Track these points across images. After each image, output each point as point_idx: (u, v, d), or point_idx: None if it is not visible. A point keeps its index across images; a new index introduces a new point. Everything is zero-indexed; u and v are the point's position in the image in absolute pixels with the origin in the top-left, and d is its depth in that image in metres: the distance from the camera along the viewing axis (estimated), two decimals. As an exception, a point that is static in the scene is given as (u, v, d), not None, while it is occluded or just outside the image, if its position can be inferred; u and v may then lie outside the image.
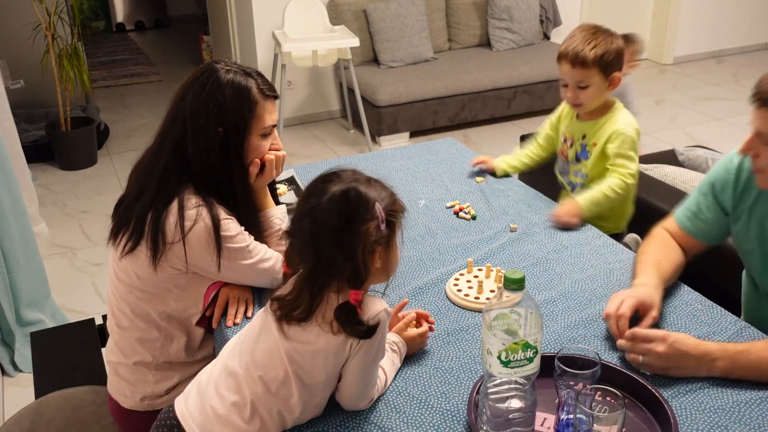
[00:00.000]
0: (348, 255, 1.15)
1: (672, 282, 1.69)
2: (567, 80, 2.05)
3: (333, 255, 1.15)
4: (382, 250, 1.19)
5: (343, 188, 1.17)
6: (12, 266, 2.69)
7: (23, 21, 4.30)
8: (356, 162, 2.49)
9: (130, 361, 1.56)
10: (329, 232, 1.15)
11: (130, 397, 1.58)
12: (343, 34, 4.50)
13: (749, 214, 1.60)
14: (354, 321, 1.17)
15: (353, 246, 1.14)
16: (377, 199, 1.18)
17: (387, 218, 1.18)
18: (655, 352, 1.36)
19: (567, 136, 2.19)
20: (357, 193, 1.17)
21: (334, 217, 1.15)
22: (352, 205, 1.16)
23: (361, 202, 1.16)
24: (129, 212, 1.49)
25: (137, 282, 1.51)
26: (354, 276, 1.16)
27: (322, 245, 1.15)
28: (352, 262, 1.15)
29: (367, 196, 1.17)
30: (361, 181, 1.20)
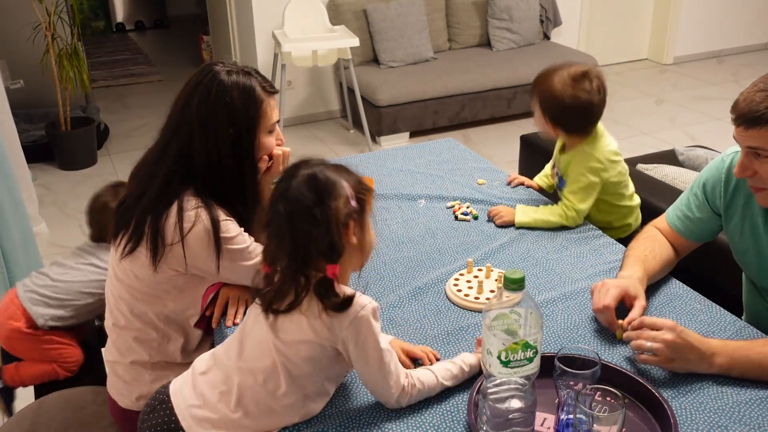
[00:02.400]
0: (322, 229, 1.20)
1: (659, 277, 1.71)
2: None
3: (308, 232, 1.20)
4: (355, 225, 1.24)
5: (309, 172, 1.24)
6: (12, 266, 2.69)
7: (23, 21, 4.30)
8: (356, 162, 2.49)
9: (127, 361, 1.57)
10: (302, 210, 1.20)
11: (127, 396, 1.58)
12: (343, 34, 4.50)
13: (742, 213, 1.60)
14: (331, 293, 1.20)
15: (327, 219, 1.20)
16: (344, 179, 1.25)
17: (357, 196, 1.25)
18: (663, 339, 1.36)
19: (555, 166, 2.14)
20: (324, 175, 1.23)
21: (305, 195, 1.21)
22: (320, 184, 1.22)
23: (329, 182, 1.23)
24: (129, 214, 1.50)
25: (136, 283, 1.51)
26: (330, 250, 1.20)
27: (297, 224, 1.20)
28: (327, 236, 1.20)
29: (333, 176, 1.24)
30: (327, 166, 1.26)
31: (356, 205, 1.24)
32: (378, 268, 1.82)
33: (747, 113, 1.35)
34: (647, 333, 1.38)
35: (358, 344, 1.22)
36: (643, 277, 1.61)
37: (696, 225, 1.71)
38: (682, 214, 1.73)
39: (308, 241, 1.20)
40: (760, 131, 1.35)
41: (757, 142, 1.37)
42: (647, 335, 1.38)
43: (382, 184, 2.28)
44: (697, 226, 1.71)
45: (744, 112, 1.35)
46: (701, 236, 1.74)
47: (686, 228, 1.73)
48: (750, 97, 1.35)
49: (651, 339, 1.37)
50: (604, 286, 1.54)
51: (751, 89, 1.36)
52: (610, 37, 6.26)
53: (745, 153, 1.42)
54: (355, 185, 1.26)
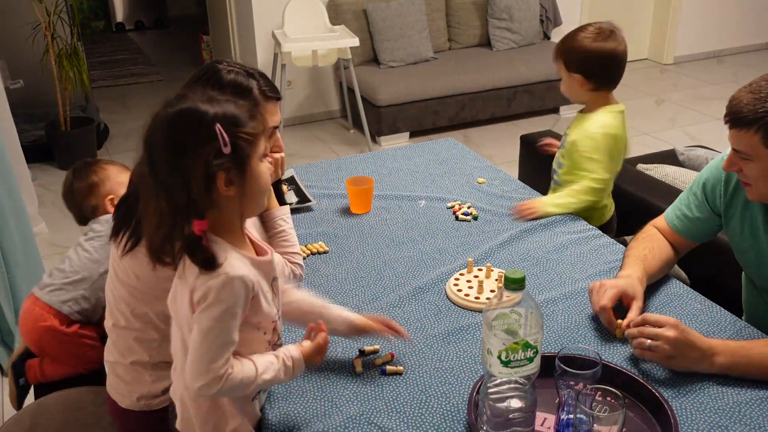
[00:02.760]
0: (179, 181, 1.07)
1: (659, 277, 1.71)
2: None
3: (169, 183, 1.07)
4: (229, 176, 1.09)
5: (176, 109, 1.09)
6: (11, 266, 2.69)
7: (23, 21, 4.29)
8: (356, 162, 2.49)
9: (127, 361, 1.56)
10: (161, 156, 1.08)
11: (127, 396, 1.57)
12: (343, 34, 4.50)
13: (742, 212, 1.61)
14: (198, 250, 1.09)
15: (184, 172, 1.06)
16: (219, 118, 1.08)
17: (234, 141, 1.08)
18: (665, 336, 1.36)
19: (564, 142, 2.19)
20: (192, 113, 1.08)
21: (164, 139, 1.08)
22: (184, 127, 1.07)
23: (197, 122, 1.07)
24: (130, 212, 1.49)
25: (136, 282, 1.51)
26: (189, 206, 1.07)
27: (159, 172, 1.08)
28: (184, 190, 1.07)
29: (205, 115, 1.08)
30: (207, 99, 1.11)
31: (230, 151, 1.08)
32: (378, 268, 1.82)
33: (734, 113, 1.39)
34: (649, 330, 1.38)
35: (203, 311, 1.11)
36: (643, 277, 1.61)
37: (695, 224, 1.72)
38: (682, 214, 1.73)
39: (167, 192, 1.08)
40: (740, 133, 1.39)
41: (738, 144, 1.42)
42: (649, 332, 1.38)
43: (382, 184, 2.28)
44: (696, 225, 1.72)
45: (732, 111, 1.39)
46: (700, 236, 1.74)
47: (685, 227, 1.73)
48: (740, 96, 1.39)
49: (653, 336, 1.37)
50: (602, 287, 1.54)
51: (745, 89, 1.39)
52: (610, 37, 6.25)
53: (733, 151, 1.46)
54: (237, 124, 1.10)
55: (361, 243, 1.94)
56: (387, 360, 1.47)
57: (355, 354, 1.49)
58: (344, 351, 1.50)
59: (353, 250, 1.90)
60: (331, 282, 1.76)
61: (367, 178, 2.12)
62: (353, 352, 1.49)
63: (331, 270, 1.81)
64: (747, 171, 1.45)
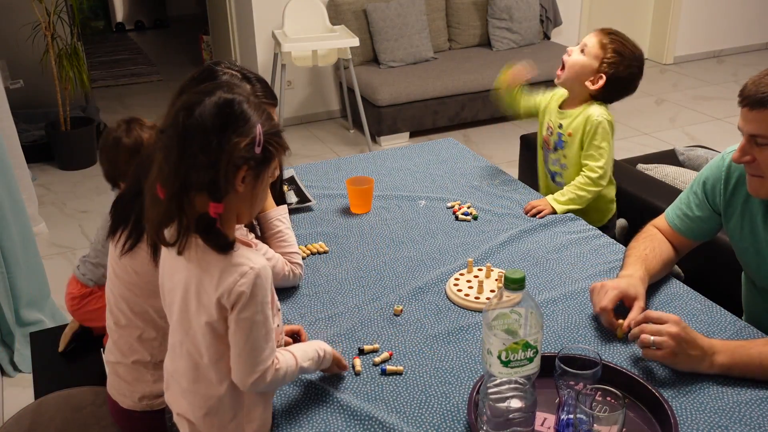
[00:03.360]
0: (210, 159, 1.11)
1: (660, 276, 1.71)
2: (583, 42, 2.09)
3: (195, 155, 1.11)
4: (249, 172, 1.15)
5: (229, 97, 1.15)
6: (11, 266, 2.69)
7: (23, 21, 4.30)
8: (356, 162, 2.49)
9: (129, 360, 1.56)
10: (199, 130, 1.11)
11: (129, 396, 1.57)
12: (343, 34, 4.50)
13: (742, 211, 1.61)
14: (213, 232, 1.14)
15: (218, 151, 1.11)
16: (261, 122, 1.16)
17: (266, 144, 1.15)
18: (668, 332, 1.36)
19: (549, 125, 2.22)
20: (242, 108, 1.14)
21: (209, 117, 1.12)
22: (232, 114, 1.13)
23: (243, 116, 1.14)
24: (128, 210, 1.49)
25: (135, 278, 1.51)
26: (212, 185, 1.11)
27: (188, 141, 1.11)
28: (211, 169, 1.11)
29: (251, 114, 1.15)
30: (252, 102, 1.17)
31: (260, 153, 1.14)
32: (378, 268, 1.82)
33: (753, 94, 1.39)
34: (651, 326, 1.38)
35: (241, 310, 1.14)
36: (644, 277, 1.61)
37: (696, 224, 1.71)
38: (682, 213, 1.73)
39: (192, 166, 1.11)
40: (762, 114, 1.38)
41: (758, 128, 1.40)
42: (651, 328, 1.38)
43: (382, 184, 2.28)
44: (696, 224, 1.71)
45: (751, 93, 1.39)
46: (701, 235, 1.74)
47: (686, 227, 1.73)
48: (758, 80, 1.40)
49: (656, 332, 1.37)
50: (603, 288, 1.54)
51: (762, 73, 1.41)
52: (610, 37, 6.26)
53: (747, 139, 1.44)
54: (270, 133, 1.16)
55: (361, 243, 1.94)
56: (386, 359, 1.47)
57: (355, 354, 1.49)
58: (343, 351, 1.50)
59: (353, 250, 1.90)
60: (331, 282, 1.76)
61: (367, 178, 2.12)
62: (353, 351, 1.49)
63: (331, 270, 1.81)
64: (762, 159, 1.43)
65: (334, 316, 1.62)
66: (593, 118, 2.06)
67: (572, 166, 2.15)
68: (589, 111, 2.08)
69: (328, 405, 1.35)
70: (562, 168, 2.18)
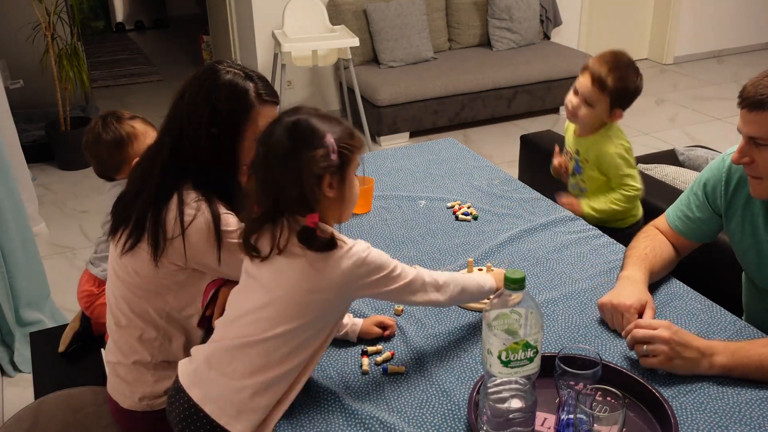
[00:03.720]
0: (292, 177, 1.21)
1: (660, 276, 1.71)
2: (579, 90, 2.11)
3: (281, 178, 1.22)
4: (332, 179, 1.24)
5: (294, 119, 1.25)
6: (11, 266, 2.69)
7: (23, 21, 4.30)
8: (356, 162, 2.49)
9: (129, 361, 1.56)
10: (278, 155, 1.22)
11: (129, 397, 1.57)
12: (343, 34, 4.50)
13: (742, 212, 1.61)
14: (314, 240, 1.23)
15: (299, 169, 1.21)
16: (329, 131, 1.24)
17: (340, 150, 1.24)
18: (660, 337, 1.36)
19: (567, 150, 2.25)
20: (308, 124, 1.24)
21: (283, 142, 1.23)
22: (301, 133, 1.23)
23: (311, 131, 1.23)
24: (128, 209, 1.49)
25: (136, 279, 1.50)
26: (302, 200, 1.22)
27: (273, 168, 1.23)
28: (297, 186, 1.21)
29: (318, 127, 1.24)
30: (316, 115, 1.27)
31: (337, 158, 1.23)
32: (378, 268, 1.81)
33: (752, 96, 1.38)
34: (641, 332, 1.38)
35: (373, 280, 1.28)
36: (645, 278, 1.61)
37: (696, 225, 1.71)
38: (682, 214, 1.73)
39: (279, 188, 1.22)
40: (761, 115, 1.37)
41: (757, 130, 1.40)
42: (642, 335, 1.38)
43: (382, 184, 2.28)
44: (697, 225, 1.71)
45: (750, 95, 1.39)
46: (701, 236, 1.74)
47: (686, 228, 1.73)
48: (758, 81, 1.39)
49: (648, 338, 1.37)
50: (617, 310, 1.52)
51: (762, 74, 1.40)
52: (610, 37, 6.25)
53: (746, 140, 1.44)
54: (342, 138, 1.26)
55: (361, 243, 1.94)
56: (387, 358, 1.47)
57: (359, 354, 1.49)
58: (347, 352, 1.50)
59: (353, 250, 1.90)
60: (331, 282, 1.76)
61: (367, 178, 2.12)
62: (356, 352, 1.49)
63: (331, 270, 1.81)
64: (761, 160, 1.43)
65: (334, 316, 1.62)
66: (609, 153, 2.09)
67: (591, 189, 2.19)
68: (603, 143, 2.10)
69: (328, 404, 1.35)
70: (582, 191, 2.22)
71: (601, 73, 2.03)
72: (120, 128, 1.96)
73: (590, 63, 2.09)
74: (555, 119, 5.22)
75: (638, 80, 2.07)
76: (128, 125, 1.97)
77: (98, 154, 1.98)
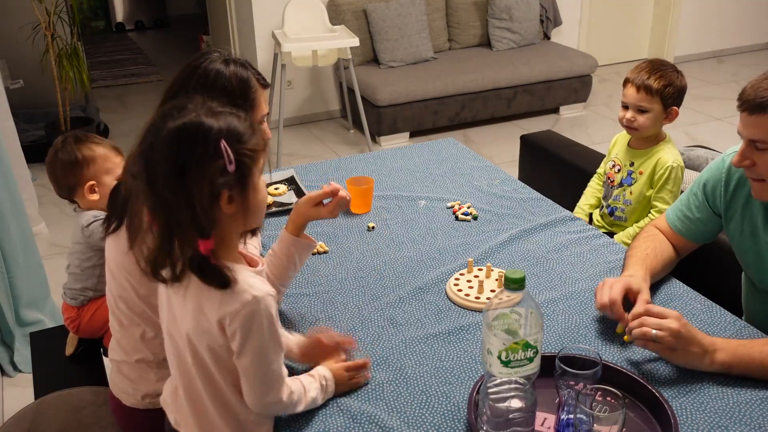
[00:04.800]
0: (182, 202, 1.02)
1: (661, 276, 1.71)
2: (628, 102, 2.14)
3: (171, 202, 1.03)
4: (231, 194, 1.06)
5: (180, 124, 1.04)
6: (11, 266, 2.69)
7: (23, 21, 4.30)
8: (356, 162, 2.49)
9: (132, 359, 1.56)
10: (163, 178, 1.02)
11: (132, 395, 1.58)
12: (343, 34, 4.50)
13: (742, 213, 1.61)
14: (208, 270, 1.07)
15: (189, 192, 1.02)
16: (224, 134, 1.04)
17: (239, 158, 1.06)
18: (669, 327, 1.35)
19: (616, 162, 2.27)
20: (196, 129, 1.04)
21: (166, 157, 1.02)
22: (188, 145, 1.02)
23: (202, 139, 1.03)
24: (125, 202, 1.49)
25: (130, 279, 1.51)
26: (196, 225, 1.03)
27: (156, 188, 1.03)
28: (188, 210, 1.02)
29: (210, 131, 1.04)
30: (209, 111, 1.07)
31: (235, 169, 1.05)
32: (378, 268, 1.82)
33: (752, 99, 1.38)
34: (651, 320, 1.37)
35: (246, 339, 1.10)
36: (646, 276, 1.60)
37: (696, 225, 1.71)
38: (682, 215, 1.73)
39: (166, 208, 1.04)
40: (761, 119, 1.37)
41: (758, 133, 1.39)
42: (651, 322, 1.37)
43: (382, 184, 2.28)
44: (697, 226, 1.71)
45: (750, 98, 1.38)
46: (701, 237, 1.74)
47: (686, 228, 1.73)
48: (758, 84, 1.38)
49: (656, 326, 1.36)
50: (606, 284, 1.53)
51: (761, 77, 1.39)
52: (610, 37, 6.26)
53: (746, 143, 1.44)
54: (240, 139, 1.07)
55: (361, 243, 1.94)
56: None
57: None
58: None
59: (353, 250, 1.90)
60: (331, 282, 1.76)
61: (367, 178, 2.12)
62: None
63: (331, 270, 1.81)
64: (762, 163, 1.42)
65: (334, 316, 1.62)
66: (668, 163, 2.13)
67: (636, 203, 2.20)
68: (662, 153, 2.15)
69: (327, 405, 1.34)
70: (626, 204, 2.23)
71: (644, 79, 2.10)
72: (76, 150, 1.90)
73: (629, 75, 2.16)
74: (555, 119, 5.22)
75: (680, 76, 2.13)
76: (87, 148, 1.92)
77: (52, 171, 1.96)
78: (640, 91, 2.10)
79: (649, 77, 2.10)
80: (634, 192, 2.20)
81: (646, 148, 2.19)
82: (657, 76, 2.09)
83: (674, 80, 2.10)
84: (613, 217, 2.25)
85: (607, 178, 2.30)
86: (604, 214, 2.30)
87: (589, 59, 5.17)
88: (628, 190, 2.21)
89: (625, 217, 2.23)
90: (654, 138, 2.19)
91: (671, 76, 2.11)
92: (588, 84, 5.24)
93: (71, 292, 2.06)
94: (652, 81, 2.09)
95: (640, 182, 2.18)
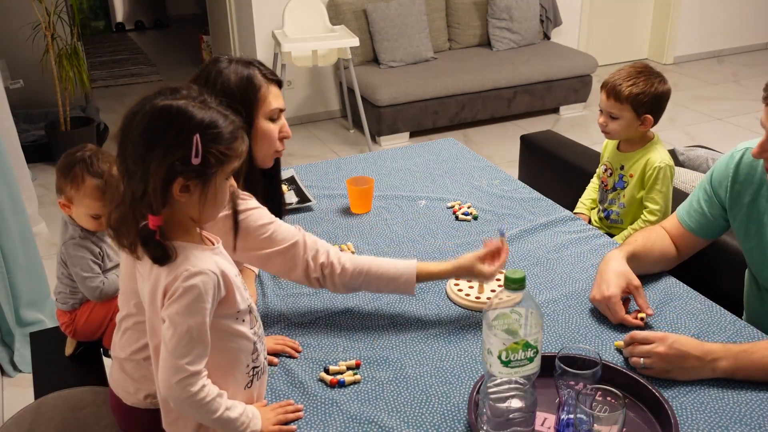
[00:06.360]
0: (142, 172, 1.08)
1: (654, 270, 1.73)
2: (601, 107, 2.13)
3: (132, 171, 1.09)
4: (188, 183, 1.10)
5: (165, 104, 1.09)
6: (11, 266, 2.69)
7: (23, 21, 4.30)
8: (356, 162, 2.49)
9: (140, 357, 1.56)
10: (132, 146, 1.09)
11: (134, 394, 1.57)
12: (343, 34, 4.50)
13: (748, 210, 1.60)
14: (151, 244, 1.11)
15: (148, 168, 1.07)
16: (201, 128, 1.08)
17: (208, 155, 1.09)
18: (656, 353, 1.36)
19: (608, 166, 2.25)
20: (177, 113, 1.08)
21: (140, 126, 1.08)
22: (163, 125, 1.08)
23: (179, 124, 1.08)
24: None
25: (127, 273, 1.50)
26: (145, 200, 1.09)
27: (125, 151, 1.10)
28: (141, 183, 1.08)
29: (189, 120, 1.08)
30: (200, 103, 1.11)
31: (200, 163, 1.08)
32: (378, 268, 1.81)
33: None
34: (639, 348, 1.39)
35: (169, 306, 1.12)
36: (623, 258, 1.63)
37: (705, 219, 1.71)
38: (692, 209, 1.73)
39: (128, 174, 1.10)
40: None
41: None
42: (639, 351, 1.39)
43: (382, 184, 2.28)
44: (706, 220, 1.71)
45: None
46: (710, 231, 1.72)
47: (696, 223, 1.72)
48: None
49: (644, 353, 1.38)
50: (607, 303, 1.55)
51: None
52: (610, 37, 6.26)
53: None
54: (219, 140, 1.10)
55: (361, 243, 1.94)
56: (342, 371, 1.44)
57: (320, 372, 1.44)
58: (345, 350, 1.50)
59: (353, 250, 1.90)
60: (331, 282, 1.76)
61: (367, 178, 2.12)
62: (355, 354, 1.49)
63: (331, 270, 1.81)
64: None
65: (334, 315, 1.62)
66: (655, 163, 2.10)
67: (630, 205, 2.19)
68: (650, 154, 2.12)
69: (327, 405, 1.34)
70: (620, 207, 2.21)
71: (615, 85, 2.06)
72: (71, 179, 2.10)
73: (606, 79, 2.13)
74: (555, 119, 5.22)
75: (657, 83, 2.07)
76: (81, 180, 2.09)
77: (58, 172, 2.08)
78: (610, 98, 2.07)
79: (621, 84, 2.04)
80: (626, 195, 2.19)
81: (633, 151, 2.16)
82: (630, 84, 2.03)
83: (649, 88, 2.04)
84: (610, 220, 2.25)
85: (601, 182, 2.29)
86: (601, 217, 2.30)
87: (589, 59, 5.17)
88: (622, 193, 2.19)
89: (621, 220, 2.22)
90: (640, 140, 2.15)
91: (647, 83, 2.05)
92: (588, 84, 5.24)
93: (62, 297, 2.11)
94: (623, 88, 2.04)
95: (631, 185, 2.16)
